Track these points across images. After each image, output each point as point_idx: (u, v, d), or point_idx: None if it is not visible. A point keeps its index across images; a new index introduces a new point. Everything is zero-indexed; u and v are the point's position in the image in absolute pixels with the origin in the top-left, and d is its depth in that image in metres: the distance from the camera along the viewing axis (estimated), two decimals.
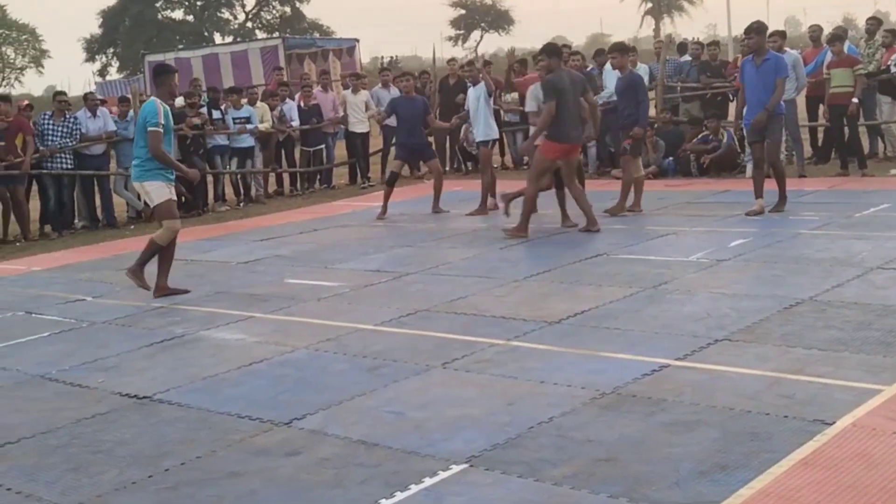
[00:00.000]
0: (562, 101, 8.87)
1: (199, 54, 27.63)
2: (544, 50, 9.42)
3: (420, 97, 12.12)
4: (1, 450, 4.40)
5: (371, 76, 21.75)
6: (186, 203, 13.46)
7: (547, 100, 8.99)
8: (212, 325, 6.62)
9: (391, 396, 4.75)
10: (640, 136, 9.99)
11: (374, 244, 9.56)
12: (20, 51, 57.33)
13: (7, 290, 8.66)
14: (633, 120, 9.86)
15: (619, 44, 11.99)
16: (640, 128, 9.88)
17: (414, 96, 11.70)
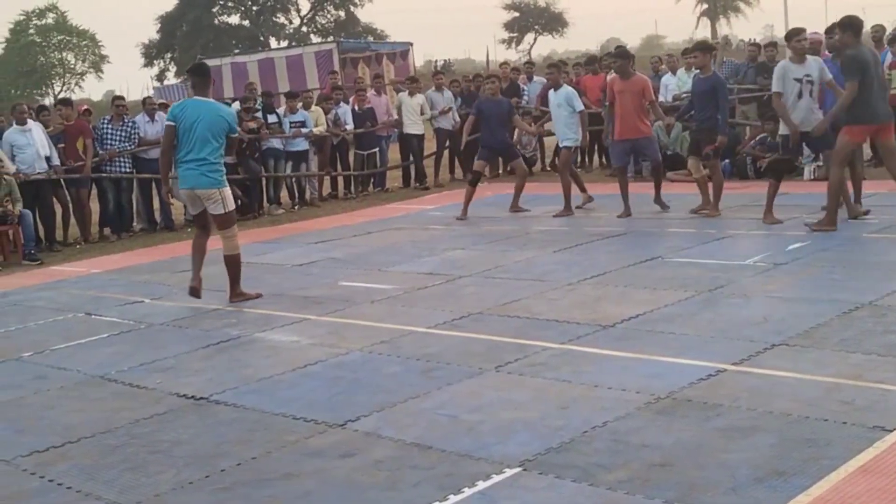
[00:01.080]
0: (866, 78, 8.22)
1: (255, 59, 28.02)
2: (841, 24, 8.67)
3: (505, 99, 12.15)
4: (61, 449, 4.49)
5: (424, 79, 21.82)
6: (242, 206, 13.67)
7: (849, 78, 8.32)
8: (267, 327, 6.68)
9: (445, 399, 4.76)
10: (724, 146, 9.86)
11: (427, 247, 9.58)
12: (80, 56, 58.49)
13: (68, 292, 8.84)
14: (712, 124, 9.68)
15: (702, 42, 11.80)
16: (722, 136, 9.73)
17: (499, 98, 11.71)
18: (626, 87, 10.18)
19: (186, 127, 7.36)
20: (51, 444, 4.54)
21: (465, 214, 11.22)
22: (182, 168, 7.49)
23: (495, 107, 11.41)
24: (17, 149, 11.67)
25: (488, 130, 11.41)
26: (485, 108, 11.52)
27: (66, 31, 57.12)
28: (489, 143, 11.48)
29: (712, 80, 9.79)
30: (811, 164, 12.00)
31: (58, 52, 57.55)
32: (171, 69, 54.97)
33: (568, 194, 10.86)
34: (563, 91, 11.00)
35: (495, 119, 11.34)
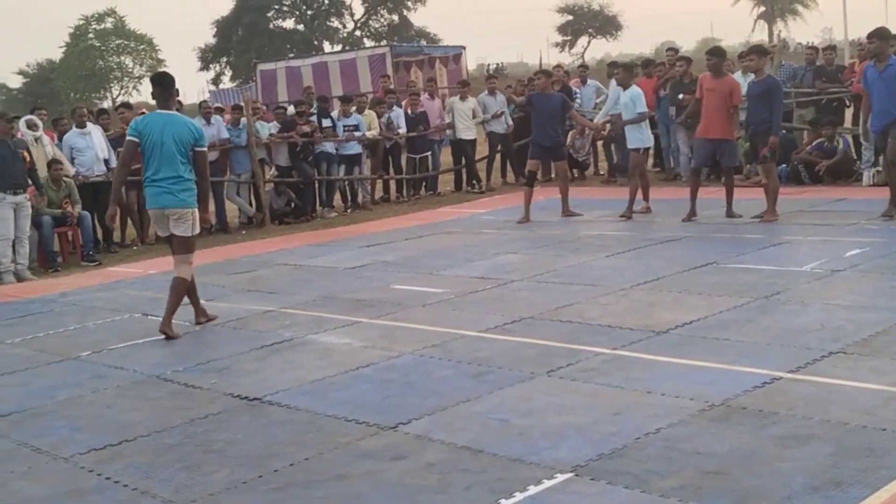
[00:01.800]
0: None
1: (309, 63, 28.26)
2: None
3: (558, 93, 12.05)
4: (118, 447, 4.56)
5: (476, 83, 21.83)
6: (295, 209, 13.82)
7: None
8: (319, 329, 6.73)
9: (496, 403, 4.75)
10: (776, 146, 9.73)
11: (478, 251, 9.57)
12: (138, 60, 59.50)
13: (125, 293, 8.99)
14: (767, 127, 9.57)
15: (757, 46, 11.67)
16: (775, 137, 9.61)
17: (551, 92, 11.63)
18: (715, 85, 10.06)
19: (154, 142, 6.75)
20: (108, 442, 4.62)
21: (528, 217, 11.20)
22: (152, 187, 6.83)
23: (547, 101, 11.32)
24: (77, 151, 11.92)
25: (539, 126, 11.29)
26: (536, 101, 11.43)
27: (124, 35, 58.17)
28: (539, 139, 11.34)
29: (767, 83, 9.68)
30: (871, 169, 11.78)
31: (116, 56, 58.62)
32: (227, 73, 55.75)
33: (633, 198, 10.78)
34: (630, 92, 10.92)
35: (547, 114, 11.23)
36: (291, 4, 56.36)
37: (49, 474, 4.30)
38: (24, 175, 10.36)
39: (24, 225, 10.45)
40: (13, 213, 10.27)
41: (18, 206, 10.32)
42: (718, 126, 10.01)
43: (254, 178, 13.55)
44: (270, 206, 13.70)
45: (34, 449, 4.63)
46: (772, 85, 9.70)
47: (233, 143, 13.41)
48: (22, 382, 5.96)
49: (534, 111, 11.39)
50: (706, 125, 10.13)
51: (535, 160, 11.62)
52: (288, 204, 13.92)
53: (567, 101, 11.84)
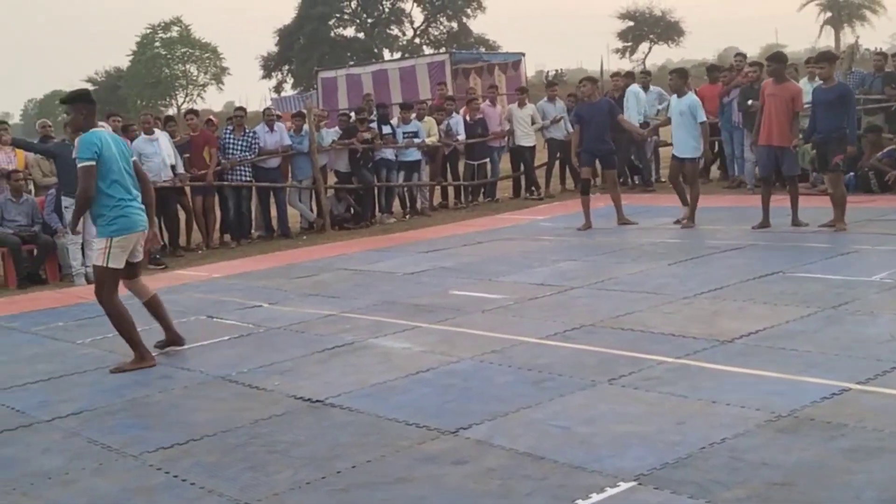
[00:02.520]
0: None
1: (369, 70, 28.48)
2: None
3: (605, 100, 12.02)
4: (185, 446, 4.64)
5: (535, 89, 21.80)
6: (355, 215, 13.93)
7: None
8: (379, 333, 6.78)
9: (557, 410, 4.73)
10: (854, 155, 9.56)
11: (538, 257, 9.55)
12: (202, 68, 60.55)
13: (191, 296, 9.15)
14: (838, 135, 9.41)
15: (827, 52, 11.48)
16: (852, 146, 9.43)
17: (597, 100, 11.61)
18: (777, 91, 9.92)
19: (116, 162, 6.30)
20: (175, 441, 4.71)
21: (589, 224, 11.17)
22: (131, 207, 6.35)
23: (593, 110, 11.32)
24: (145, 157, 12.12)
25: (588, 134, 11.30)
26: (583, 112, 11.46)
27: (189, 43, 59.26)
28: (589, 147, 11.35)
29: (839, 90, 9.50)
30: None
31: (181, 65, 59.73)
32: (289, 81, 56.37)
33: (695, 206, 10.66)
34: (687, 99, 10.81)
35: (595, 123, 11.23)
36: (352, 13, 56.85)
37: (119, 471, 4.39)
38: None
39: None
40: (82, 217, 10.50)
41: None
42: (779, 133, 9.85)
43: (315, 184, 13.70)
44: (331, 211, 13.84)
45: (104, 446, 4.74)
46: (844, 92, 9.53)
47: (295, 149, 13.57)
48: (92, 382, 6.10)
49: (582, 122, 11.38)
50: (767, 132, 9.99)
51: (587, 167, 11.57)
52: (348, 210, 14.04)
53: (615, 106, 11.81)
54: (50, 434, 5.05)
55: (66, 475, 4.39)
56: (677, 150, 10.92)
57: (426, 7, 56.81)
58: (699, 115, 10.67)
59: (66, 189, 10.51)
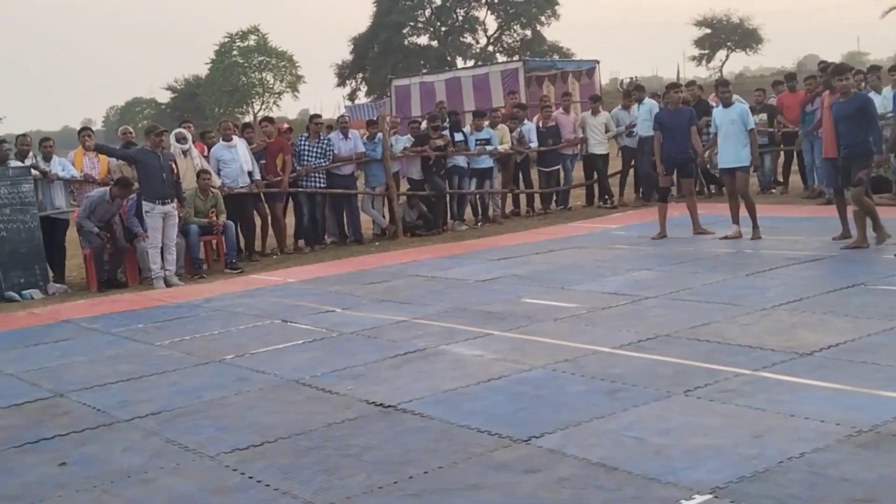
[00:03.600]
0: None
1: (443, 78, 28.64)
2: None
3: (686, 108, 11.89)
4: (260, 448, 4.71)
5: (609, 97, 21.65)
6: (427, 222, 13.99)
7: None
8: (451, 340, 6.79)
9: (631, 421, 4.69)
10: (882, 164, 9.26)
11: (611, 266, 9.47)
12: (279, 76, 61.52)
13: (266, 300, 9.29)
14: (865, 149, 9.07)
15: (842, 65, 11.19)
16: (880, 155, 9.18)
17: (680, 108, 11.52)
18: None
19: None
20: (251, 442, 4.78)
21: (664, 233, 11.05)
22: None
23: (675, 117, 11.24)
24: (223, 163, 12.40)
25: (669, 142, 11.21)
26: (664, 119, 11.38)
27: (266, 52, 60.27)
28: (669, 154, 11.25)
29: (857, 102, 9.16)
30: None
31: (258, 73, 60.78)
32: (362, 89, 57.02)
33: (755, 217, 10.44)
34: (737, 108, 10.58)
35: (676, 130, 11.14)
36: (426, 21, 57.26)
37: (196, 471, 4.48)
38: (171, 186, 10.85)
39: (172, 233, 10.93)
40: (162, 221, 10.78)
41: (166, 216, 10.81)
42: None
43: (388, 191, 13.80)
44: (403, 218, 13.92)
45: (182, 446, 4.83)
46: (862, 103, 9.12)
47: (368, 156, 13.69)
48: (170, 383, 6.23)
49: (664, 129, 11.27)
50: (827, 144, 9.77)
51: (667, 176, 11.46)
52: (420, 217, 14.11)
53: (694, 115, 11.64)
54: (130, 433, 5.17)
55: (146, 474, 4.49)
56: (726, 162, 10.60)
57: (500, 15, 56.95)
58: (749, 123, 10.45)
59: (146, 194, 10.77)
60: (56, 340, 8.07)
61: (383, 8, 54.49)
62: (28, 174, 11.42)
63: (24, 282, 11.09)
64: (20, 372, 6.90)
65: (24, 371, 6.91)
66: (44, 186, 11.61)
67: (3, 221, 11.08)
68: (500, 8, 56.42)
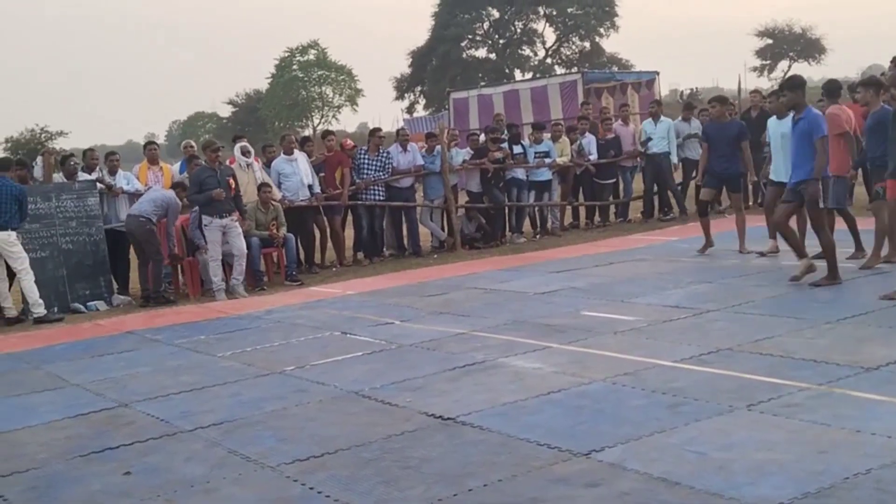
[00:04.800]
0: None
1: (501, 90, 28.65)
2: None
3: (736, 122, 11.66)
4: (320, 459, 4.74)
5: (670, 108, 21.45)
6: (485, 234, 14.00)
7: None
8: (510, 352, 6.77)
9: (693, 435, 4.62)
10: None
11: (671, 279, 9.37)
12: (338, 90, 62.09)
13: (325, 312, 9.36)
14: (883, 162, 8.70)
15: (872, 78, 10.91)
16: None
17: (727, 121, 11.27)
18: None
19: None
20: (311, 453, 4.82)
21: (710, 243, 10.89)
22: None
23: (721, 130, 11.01)
24: (284, 177, 12.55)
25: (714, 156, 11.00)
26: (711, 132, 11.18)
27: (325, 66, 60.90)
28: (714, 169, 11.04)
29: (876, 116, 8.92)
30: None
31: (317, 87, 61.42)
32: (420, 102, 57.26)
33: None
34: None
35: (723, 144, 10.92)
36: (484, 34, 57.37)
37: (257, 481, 4.52)
38: (230, 200, 11.00)
39: (238, 243, 11.08)
40: (221, 235, 10.94)
41: (226, 228, 10.97)
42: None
43: (446, 204, 13.83)
44: (461, 230, 13.94)
45: (244, 457, 4.89)
46: (880, 118, 8.84)
47: (427, 169, 13.74)
48: (232, 394, 6.31)
49: (709, 141, 11.10)
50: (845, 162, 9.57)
51: (708, 189, 11.24)
52: (478, 229, 14.12)
53: (744, 130, 11.24)
54: (192, 443, 5.25)
55: (208, 483, 4.55)
56: (780, 175, 9.76)
57: (558, 27, 56.84)
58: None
59: (205, 209, 10.93)
60: (120, 351, 8.23)
61: (442, 21, 54.74)
62: (94, 188, 11.70)
63: (90, 294, 11.35)
64: (86, 382, 7.05)
65: (90, 381, 7.06)
66: (109, 200, 11.87)
67: (70, 234, 11.36)
68: (559, 20, 56.30)
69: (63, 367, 7.67)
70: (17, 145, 40.88)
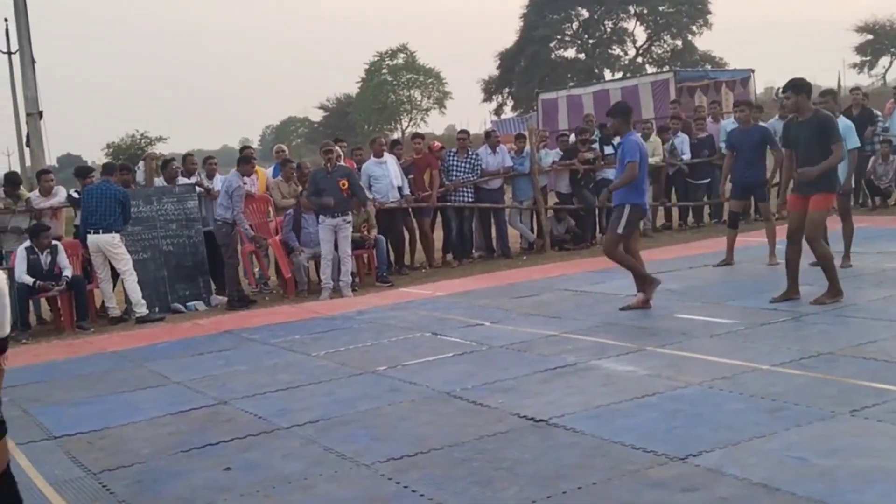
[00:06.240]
0: None
1: (590, 91, 28.46)
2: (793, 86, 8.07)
3: (759, 127, 11.11)
4: (413, 458, 4.78)
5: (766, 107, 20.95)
6: (575, 236, 13.90)
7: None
8: (602, 355, 6.71)
9: (793, 441, 4.51)
10: None
11: (769, 281, 9.15)
12: (426, 93, 62.41)
13: (415, 312, 9.43)
14: None
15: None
16: None
17: (751, 126, 10.77)
18: None
19: None
20: (404, 452, 4.86)
21: (729, 260, 10.57)
22: None
23: (745, 138, 10.54)
24: (374, 179, 12.68)
25: (738, 164, 10.58)
26: (734, 139, 10.74)
27: (414, 69, 61.28)
28: (737, 178, 10.65)
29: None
30: None
31: (406, 90, 61.84)
32: (509, 103, 57.13)
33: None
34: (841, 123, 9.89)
35: (746, 152, 10.48)
36: (573, 34, 56.96)
37: (352, 479, 4.58)
38: (343, 201, 11.12)
39: (344, 245, 11.23)
40: (332, 234, 11.11)
41: (337, 228, 11.13)
42: None
43: (535, 205, 13.79)
44: (551, 232, 13.88)
45: (339, 455, 4.95)
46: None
47: (516, 170, 13.72)
48: (327, 392, 6.40)
49: (734, 148, 10.67)
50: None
51: (736, 201, 10.88)
52: (568, 231, 14.03)
53: (769, 135, 10.66)
54: (289, 441, 5.34)
55: (305, 480, 4.62)
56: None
57: (649, 26, 56.07)
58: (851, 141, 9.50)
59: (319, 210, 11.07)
60: (219, 350, 8.43)
61: (531, 22, 54.54)
62: (193, 191, 12.02)
63: (189, 294, 11.66)
64: (186, 380, 7.25)
65: (190, 379, 7.26)
66: (207, 203, 12.17)
67: (170, 236, 11.69)
68: (650, 18, 55.52)
69: (165, 365, 7.90)
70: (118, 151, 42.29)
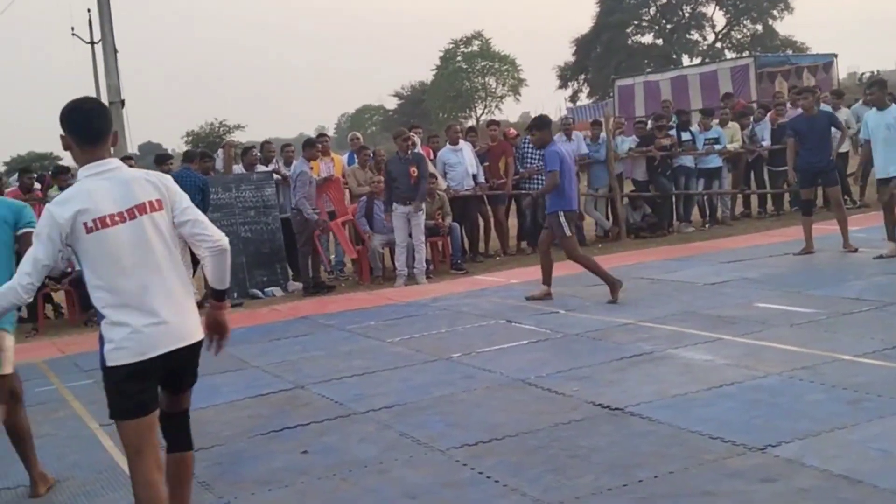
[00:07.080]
0: None
1: (668, 76, 28.01)
2: None
3: (825, 112, 10.89)
4: (488, 444, 4.80)
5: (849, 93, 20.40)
6: (651, 223, 13.75)
7: None
8: (679, 343, 6.64)
9: (876, 432, 4.41)
10: None
11: (852, 270, 8.94)
12: (501, 80, 62.27)
13: (489, 300, 9.44)
14: None
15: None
16: None
17: (816, 113, 10.55)
18: None
19: None
20: (479, 439, 4.88)
21: (809, 248, 10.30)
22: None
23: (809, 124, 10.34)
24: (449, 167, 12.71)
25: (804, 151, 10.37)
26: (798, 126, 10.54)
27: (489, 57, 61.20)
28: (804, 165, 10.41)
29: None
30: None
31: (481, 77, 61.79)
32: (584, 90, 56.69)
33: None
34: (892, 111, 9.55)
35: (812, 138, 10.28)
36: (650, 19, 56.20)
37: (427, 464, 4.62)
38: (413, 188, 11.18)
39: (416, 233, 11.29)
40: (406, 222, 11.18)
41: (410, 216, 11.20)
42: None
43: (611, 193, 13.66)
44: (627, 219, 13.74)
45: (414, 440, 5.00)
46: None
47: (591, 157, 13.61)
48: (402, 378, 6.46)
49: (798, 136, 10.44)
50: None
51: (806, 188, 10.62)
52: (644, 218, 13.88)
53: (833, 117, 10.57)
54: (365, 425, 5.41)
55: (380, 464, 4.68)
56: (882, 171, 9.52)
57: (729, 10, 55.01)
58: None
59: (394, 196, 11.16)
60: (296, 335, 8.57)
61: (607, 8, 53.96)
62: (270, 178, 12.21)
63: (267, 280, 11.86)
64: (265, 364, 7.38)
65: (269, 364, 7.39)
66: (285, 190, 12.34)
67: (248, 223, 11.90)
68: (729, 3, 54.44)
69: (244, 349, 8.06)
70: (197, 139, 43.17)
